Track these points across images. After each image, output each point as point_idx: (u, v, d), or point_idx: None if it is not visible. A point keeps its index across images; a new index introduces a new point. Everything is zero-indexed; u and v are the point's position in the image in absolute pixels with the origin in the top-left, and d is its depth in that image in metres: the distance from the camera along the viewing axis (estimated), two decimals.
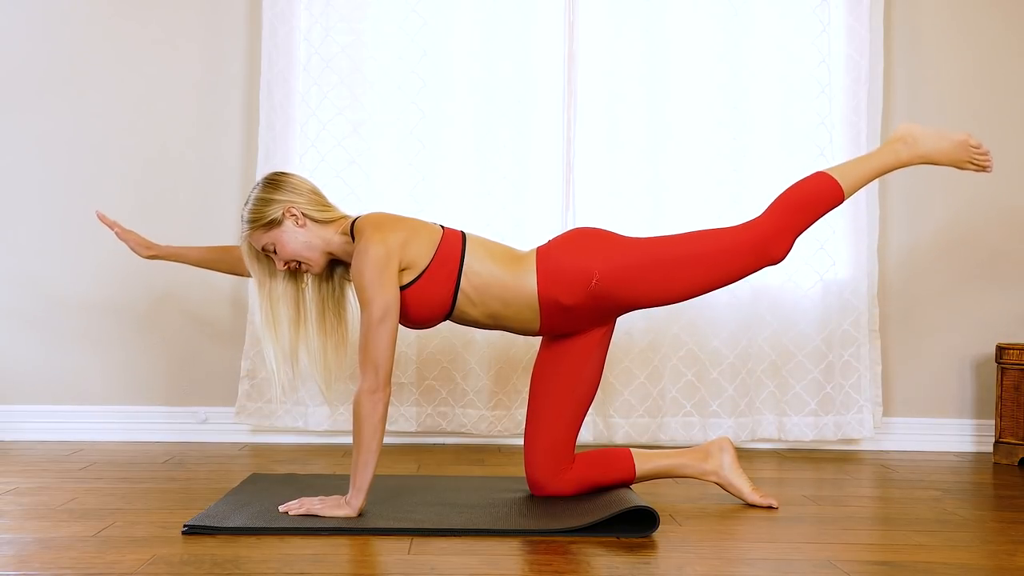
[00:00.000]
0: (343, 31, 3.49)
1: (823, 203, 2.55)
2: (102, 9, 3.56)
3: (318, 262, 2.50)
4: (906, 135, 2.61)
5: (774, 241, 2.51)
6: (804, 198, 2.55)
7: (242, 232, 2.51)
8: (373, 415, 2.32)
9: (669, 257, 2.50)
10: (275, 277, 2.53)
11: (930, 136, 2.59)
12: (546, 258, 2.49)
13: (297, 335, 2.53)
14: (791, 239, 2.53)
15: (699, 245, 2.52)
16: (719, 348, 3.52)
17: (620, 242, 2.53)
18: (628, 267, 2.48)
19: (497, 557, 2.05)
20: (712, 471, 2.59)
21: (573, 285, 2.46)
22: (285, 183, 2.49)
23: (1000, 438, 3.45)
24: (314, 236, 2.48)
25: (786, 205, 2.55)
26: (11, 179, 3.54)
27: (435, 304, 2.46)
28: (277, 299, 2.53)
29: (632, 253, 2.50)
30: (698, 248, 2.51)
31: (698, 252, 2.51)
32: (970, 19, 3.69)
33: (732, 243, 2.51)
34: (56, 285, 3.53)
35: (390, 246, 2.39)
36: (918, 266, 3.68)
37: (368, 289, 2.35)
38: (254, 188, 2.51)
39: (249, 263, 2.54)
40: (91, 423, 3.51)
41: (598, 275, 2.46)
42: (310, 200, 2.49)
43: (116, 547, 2.08)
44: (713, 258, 2.51)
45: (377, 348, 2.33)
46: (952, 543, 2.25)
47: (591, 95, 3.54)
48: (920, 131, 2.60)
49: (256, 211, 2.46)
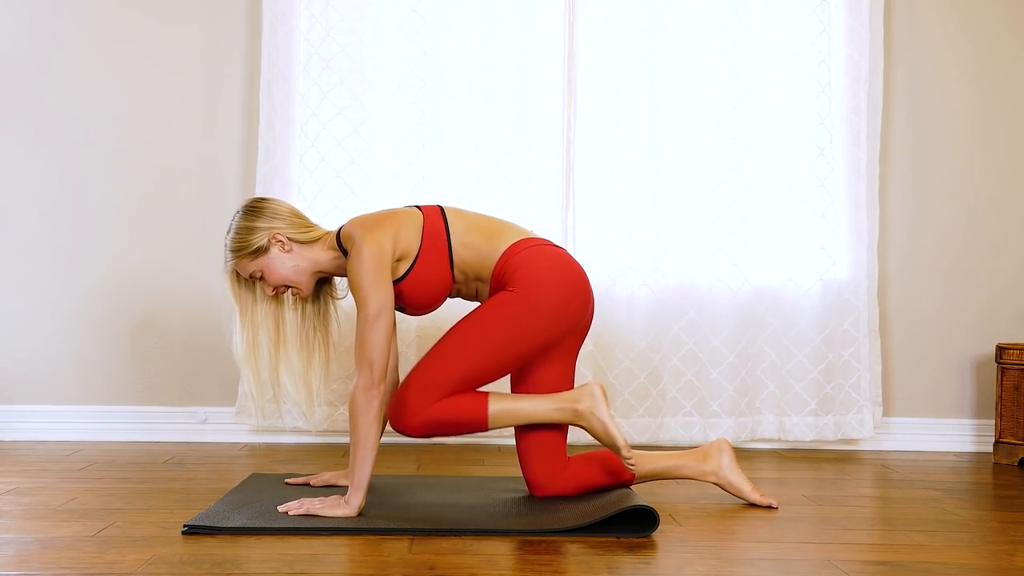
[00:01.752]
0: (343, 31, 3.49)
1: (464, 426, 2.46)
2: (101, 9, 3.56)
3: (307, 285, 2.53)
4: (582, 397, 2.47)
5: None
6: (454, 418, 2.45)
7: (226, 261, 2.51)
8: (368, 412, 2.33)
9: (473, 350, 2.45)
10: (257, 302, 2.55)
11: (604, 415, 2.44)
12: (514, 255, 2.50)
13: (278, 357, 2.55)
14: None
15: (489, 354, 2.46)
16: (719, 348, 3.52)
17: (531, 315, 2.45)
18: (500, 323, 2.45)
19: (497, 557, 2.05)
20: (711, 472, 2.59)
21: (500, 279, 2.51)
22: (266, 209, 2.51)
23: (1000, 438, 3.45)
24: (301, 259, 2.50)
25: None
26: (11, 180, 3.54)
27: (437, 283, 2.51)
28: (258, 324, 2.54)
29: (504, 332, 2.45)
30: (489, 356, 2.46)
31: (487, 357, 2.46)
32: (970, 19, 3.69)
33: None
34: (56, 285, 3.53)
35: (382, 244, 2.42)
36: (918, 266, 3.68)
37: (363, 288, 2.37)
38: (235, 217, 2.52)
39: (233, 292, 2.54)
40: (91, 423, 3.51)
41: (517, 291, 2.46)
42: (292, 223, 2.51)
43: (116, 547, 2.08)
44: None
45: (372, 346, 2.35)
46: (952, 543, 2.25)
47: (591, 95, 3.54)
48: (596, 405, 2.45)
49: (240, 240, 2.47)
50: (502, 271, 2.50)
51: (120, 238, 3.55)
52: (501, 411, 2.45)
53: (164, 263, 3.55)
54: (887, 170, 3.66)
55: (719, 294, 3.51)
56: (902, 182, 3.67)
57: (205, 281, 3.48)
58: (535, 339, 2.47)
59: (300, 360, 2.57)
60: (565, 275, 2.51)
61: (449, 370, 2.43)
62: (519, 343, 2.46)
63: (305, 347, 2.58)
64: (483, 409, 2.43)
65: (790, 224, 3.55)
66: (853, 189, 3.56)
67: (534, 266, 2.48)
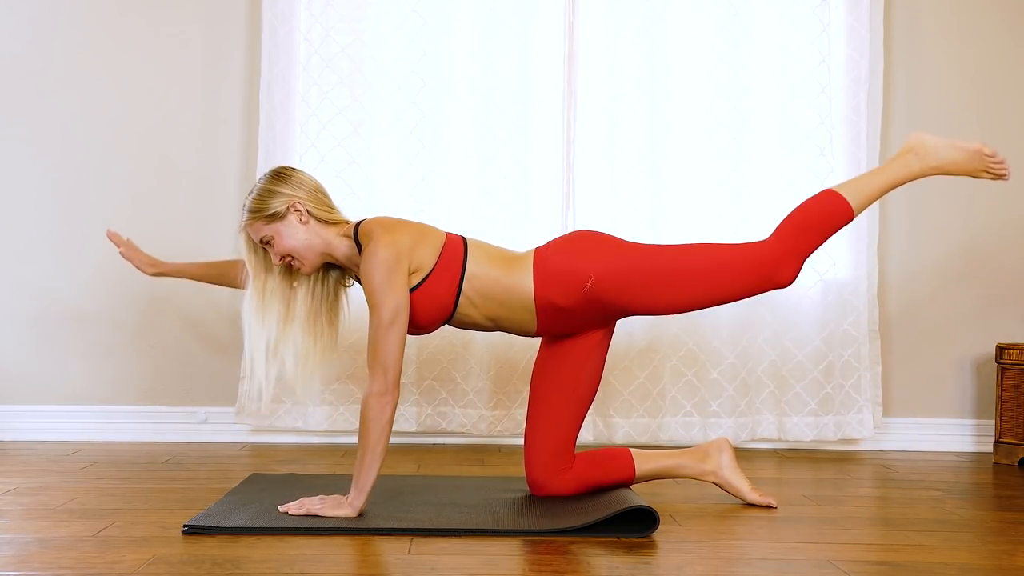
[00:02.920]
0: (343, 31, 3.49)
1: (832, 223, 2.50)
2: (101, 9, 3.56)
3: (312, 262, 2.49)
4: (917, 146, 2.52)
5: (782, 264, 2.46)
6: (813, 218, 2.49)
7: (242, 220, 2.49)
8: (381, 417, 2.31)
9: (670, 268, 2.46)
10: (271, 272, 2.52)
11: (943, 147, 2.50)
12: (543, 260, 2.49)
13: (284, 333, 2.50)
14: (799, 263, 2.48)
15: (703, 259, 2.47)
16: (719, 348, 3.52)
17: (620, 247, 2.51)
18: (626, 272, 2.45)
19: (497, 557, 2.05)
20: (711, 471, 2.59)
21: (568, 287, 2.45)
22: (292, 177, 2.49)
23: (1000, 438, 3.45)
24: (315, 235, 2.47)
25: (794, 226, 2.49)
26: (12, 181, 3.54)
27: (438, 307, 2.45)
28: (271, 293, 2.51)
29: (632, 259, 2.47)
30: (702, 262, 2.47)
31: (701, 266, 2.46)
32: (970, 19, 3.69)
33: (737, 262, 2.46)
34: (56, 286, 3.53)
35: (400, 248, 2.38)
36: (918, 266, 3.68)
37: (378, 292, 2.34)
38: (260, 179, 2.50)
39: (247, 254, 2.52)
40: (91, 423, 3.51)
41: (593, 278, 2.45)
42: (315, 198, 2.48)
43: (116, 547, 2.08)
44: (716, 275, 2.46)
45: (387, 350, 2.32)
46: (952, 543, 2.25)
47: (591, 95, 3.54)
48: (932, 141, 2.51)
49: (260, 201, 2.44)
50: (544, 284, 2.46)
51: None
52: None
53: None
54: None
55: None
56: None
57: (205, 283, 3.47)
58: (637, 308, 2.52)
59: (306, 339, 2.51)
60: (592, 238, 2.56)
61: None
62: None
63: (313, 328, 2.54)
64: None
65: None
66: None
67: (572, 259, 2.48)
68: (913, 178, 2.53)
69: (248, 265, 2.53)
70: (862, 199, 2.51)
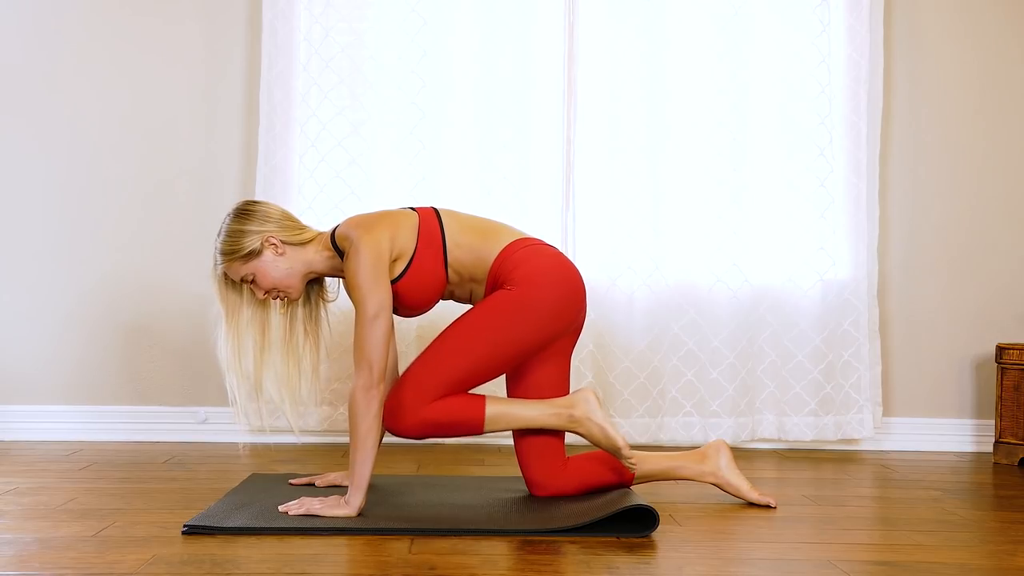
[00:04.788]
0: (343, 31, 3.49)
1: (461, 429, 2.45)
2: (101, 10, 3.56)
3: (298, 288, 2.52)
4: (579, 402, 2.47)
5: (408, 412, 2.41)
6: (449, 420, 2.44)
7: (215, 265, 2.50)
8: (368, 412, 2.33)
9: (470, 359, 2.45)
10: (244, 306, 2.54)
11: (600, 418, 2.45)
12: (509, 256, 2.51)
13: (262, 361, 2.53)
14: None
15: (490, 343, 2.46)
16: (719, 348, 3.52)
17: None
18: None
19: (497, 557, 2.05)
20: (710, 472, 2.60)
21: (491, 286, 2.54)
22: (257, 212, 2.50)
23: (1000, 438, 3.45)
24: (295, 261, 2.49)
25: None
26: (11, 180, 3.54)
27: (432, 284, 2.51)
28: (245, 328, 2.53)
29: (477, 348, 2.45)
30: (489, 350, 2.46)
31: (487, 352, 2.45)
32: (970, 19, 3.69)
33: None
34: (56, 285, 3.53)
35: (380, 243, 2.42)
36: (918, 266, 3.68)
37: (361, 288, 2.38)
38: (225, 219, 2.51)
39: (220, 296, 2.53)
40: (91, 423, 3.51)
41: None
42: (284, 226, 2.50)
43: (116, 547, 2.08)
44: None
45: (371, 345, 2.35)
46: (952, 543, 2.25)
47: (591, 95, 3.54)
48: (591, 408, 2.46)
49: (232, 243, 2.46)
50: (498, 270, 2.50)
51: (120, 238, 3.55)
52: (497, 414, 2.45)
53: (164, 263, 3.55)
54: (887, 170, 3.66)
55: (719, 294, 3.51)
56: (902, 182, 3.67)
57: (205, 281, 3.46)
58: (531, 337, 2.47)
59: (284, 365, 2.55)
60: (562, 274, 2.52)
61: (445, 370, 2.43)
62: (515, 342, 2.46)
63: (292, 352, 2.57)
64: (480, 412, 2.43)
65: (790, 224, 3.55)
66: (853, 189, 3.56)
67: (531, 265, 2.48)
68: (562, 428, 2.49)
69: (222, 305, 2.53)
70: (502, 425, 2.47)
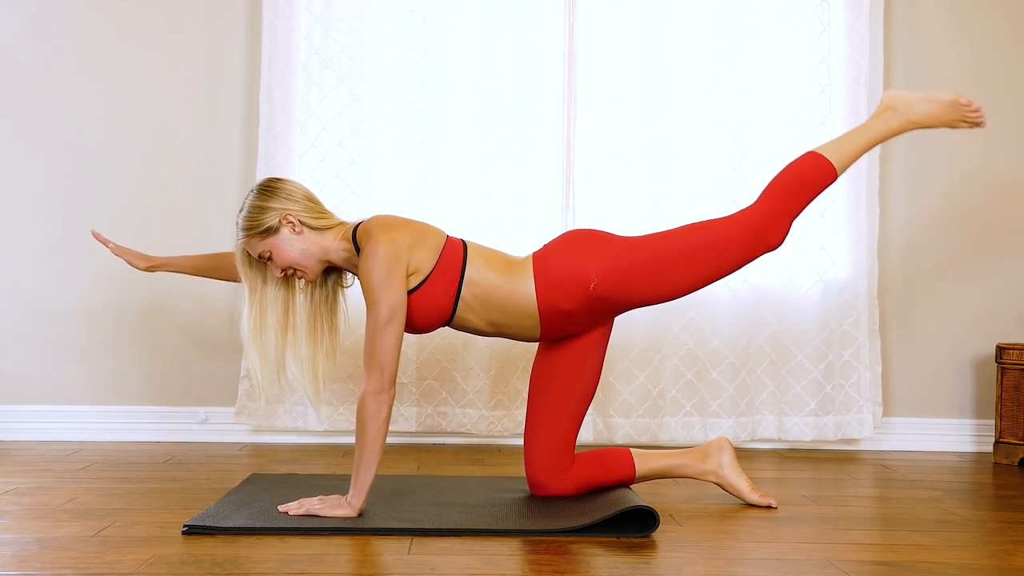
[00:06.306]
0: (343, 31, 3.49)
1: (816, 183, 2.54)
2: (101, 10, 3.56)
3: (314, 270, 2.50)
4: (894, 103, 2.58)
5: (770, 227, 2.51)
6: (797, 180, 2.54)
7: (237, 239, 2.49)
8: (377, 416, 2.31)
9: (666, 254, 2.49)
10: (267, 283, 2.52)
11: (919, 101, 2.57)
12: (543, 264, 2.49)
13: (284, 341, 2.51)
14: (787, 223, 2.53)
15: (695, 238, 2.51)
16: (719, 348, 3.52)
17: (615, 242, 2.52)
18: (626, 267, 2.47)
19: (497, 557, 2.05)
20: (711, 471, 2.59)
21: (571, 290, 2.46)
22: (280, 189, 2.48)
23: (1000, 438, 3.45)
24: (311, 244, 2.47)
25: (779, 189, 2.54)
26: (11, 180, 3.54)
27: (436, 310, 2.45)
28: (267, 306, 2.51)
29: (628, 253, 2.49)
30: (694, 241, 2.50)
31: (695, 245, 2.50)
32: (971, 19, 3.69)
33: (728, 234, 2.51)
34: (56, 286, 3.53)
35: (399, 247, 2.38)
36: (918, 266, 3.68)
37: (376, 290, 2.34)
38: (248, 195, 2.49)
39: (242, 270, 2.52)
40: (91, 423, 3.51)
41: (596, 279, 2.45)
42: (306, 207, 2.48)
43: (116, 547, 2.08)
44: (710, 250, 2.50)
45: (383, 349, 2.33)
46: (952, 543, 2.25)
47: (591, 95, 3.54)
48: (907, 96, 2.58)
49: (252, 218, 2.44)
50: (544, 292, 2.47)
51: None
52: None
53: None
54: (887, 170, 3.66)
55: (719, 294, 3.51)
56: (902, 182, 3.67)
57: (205, 281, 3.47)
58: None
59: (308, 345, 2.53)
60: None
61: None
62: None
63: (313, 333, 2.54)
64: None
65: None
66: (853, 189, 3.56)
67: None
68: (893, 134, 2.59)
69: (244, 280, 2.53)
70: (844, 158, 2.56)
